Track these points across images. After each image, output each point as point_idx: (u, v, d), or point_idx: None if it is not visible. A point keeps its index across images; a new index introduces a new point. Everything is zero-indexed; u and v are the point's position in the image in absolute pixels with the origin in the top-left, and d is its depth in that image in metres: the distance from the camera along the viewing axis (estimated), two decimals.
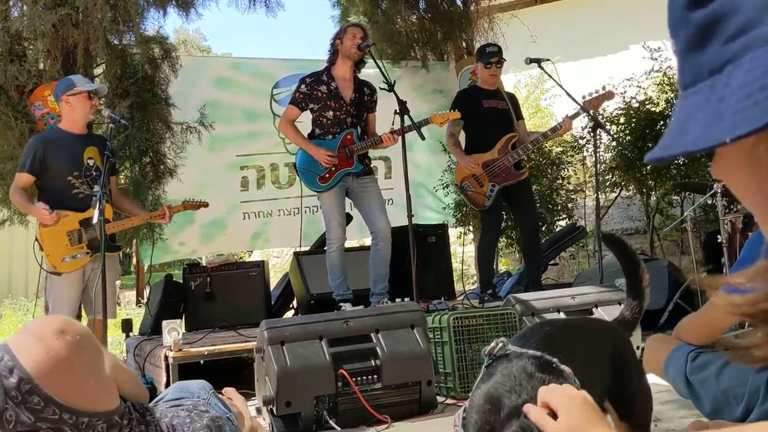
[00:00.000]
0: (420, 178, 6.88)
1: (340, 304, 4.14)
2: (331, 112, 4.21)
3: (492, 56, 4.64)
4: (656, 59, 6.59)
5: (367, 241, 7.59)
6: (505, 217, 6.04)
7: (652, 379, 2.87)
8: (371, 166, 4.45)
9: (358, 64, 4.29)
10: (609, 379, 1.43)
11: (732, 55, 0.46)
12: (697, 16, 0.49)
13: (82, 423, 1.09)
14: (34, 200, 3.92)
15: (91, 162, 3.91)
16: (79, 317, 4.03)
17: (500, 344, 1.29)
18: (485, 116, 4.59)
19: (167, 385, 3.41)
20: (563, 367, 1.23)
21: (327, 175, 4.19)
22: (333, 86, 4.20)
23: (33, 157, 3.85)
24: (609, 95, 4.61)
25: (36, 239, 3.91)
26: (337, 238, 4.20)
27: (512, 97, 4.86)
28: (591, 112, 4.42)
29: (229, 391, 1.87)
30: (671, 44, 0.54)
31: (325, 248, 4.35)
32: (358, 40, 4.17)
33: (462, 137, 4.76)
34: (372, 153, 4.59)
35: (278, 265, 10.60)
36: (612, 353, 1.48)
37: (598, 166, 4.86)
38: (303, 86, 4.23)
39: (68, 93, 3.86)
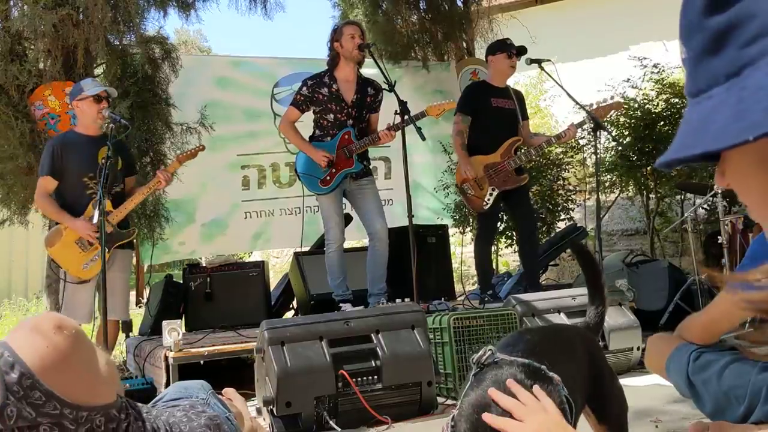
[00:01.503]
0: (420, 178, 6.87)
1: (340, 304, 4.13)
2: (331, 115, 4.19)
3: (513, 47, 4.59)
4: (645, 66, 6.59)
5: (367, 241, 7.60)
6: (505, 218, 6.06)
7: (654, 379, 2.86)
8: (370, 167, 4.42)
9: (359, 62, 4.26)
10: (587, 385, 1.44)
11: (749, 59, 0.47)
12: (713, 22, 0.49)
13: (81, 417, 1.09)
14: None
15: (107, 162, 3.91)
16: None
17: (489, 352, 1.28)
18: (492, 116, 4.55)
19: (167, 385, 3.41)
20: (552, 374, 1.24)
21: (328, 178, 4.18)
22: (335, 88, 4.18)
23: (52, 159, 3.93)
24: (617, 105, 4.60)
25: (51, 260, 3.99)
26: (335, 239, 4.20)
27: (519, 96, 4.80)
28: (592, 112, 4.41)
29: (229, 392, 1.87)
30: (681, 52, 0.54)
31: (324, 249, 4.35)
32: (357, 40, 4.14)
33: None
34: (372, 153, 4.59)
35: (278, 265, 10.60)
36: (589, 359, 1.49)
37: (599, 166, 4.86)
38: (304, 88, 4.21)
39: (77, 98, 3.97)
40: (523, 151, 4.55)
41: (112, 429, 1.14)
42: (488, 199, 4.49)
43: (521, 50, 4.61)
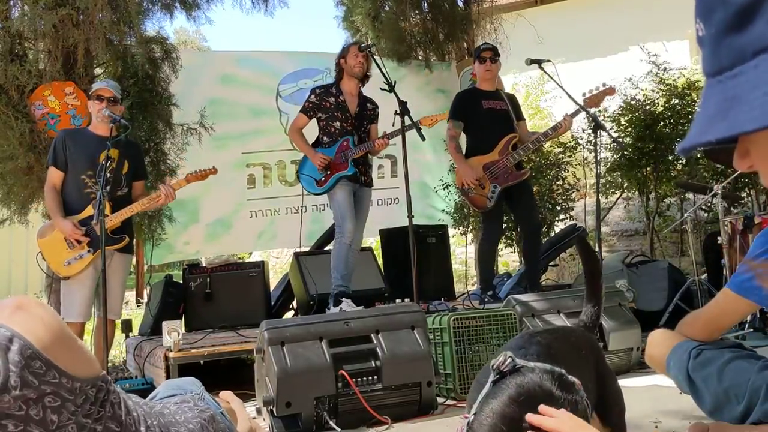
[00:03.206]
0: (427, 177, 6.87)
1: (340, 299, 4.15)
2: (338, 123, 4.42)
3: (484, 51, 4.67)
4: (653, 62, 6.60)
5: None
6: (505, 218, 6.05)
7: (654, 380, 2.86)
8: (371, 174, 4.59)
9: (363, 79, 4.51)
10: (595, 388, 1.42)
11: None
12: None
13: (76, 388, 1.12)
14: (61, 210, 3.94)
15: (107, 163, 3.89)
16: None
17: (509, 359, 1.23)
18: (485, 118, 4.59)
19: None
20: (572, 378, 1.22)
21: (323, 179, 4.38)
22: (341, 99, 4.45)
23: (54, 150, 3.97)
24: (610, 91, 4.60)
25: (38, 253, 4.00)
26: (349, 231, 4.27)
27: (512, 98, 4.85)
28: (592, 111, 4.42)
29: (226, 395, 1.87)
30: (698, 30, 0.52)
31: (333, 241, 4.41)
32: (360, 58, 4.38)
33: (462, 138, 4.75)
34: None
35: (278, 265, 10.60)
36: (594, 362, 1.49)
37: (599, 166, 4.86)
38: (313, 96, 4.48)
39: (90, 98, 4.08)
40: (521, 146, 4.57)
41: (103, 398, 1.17)
42: (491, 197, 4.49)
43: (490, 49, 4.67)
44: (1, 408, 1.05)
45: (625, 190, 7.01)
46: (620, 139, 6.33)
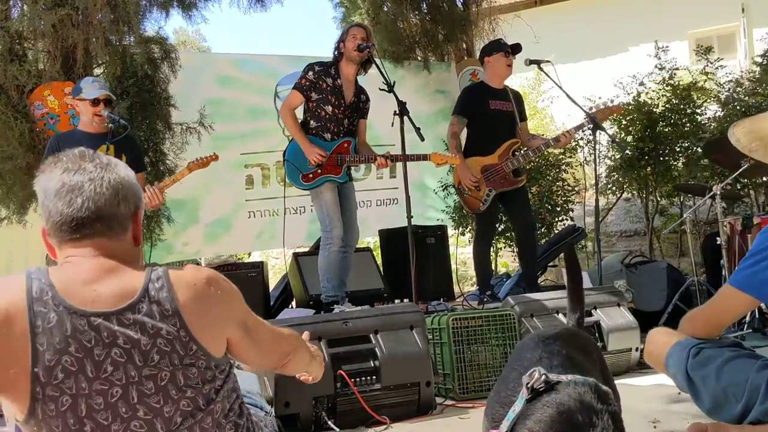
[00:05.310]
0: (426, 179, 6.86)
1: (332, 307, 4.03)
2: (329, 107, 4.13)
3: (509, 46, 4.55)
4: (660, 58, 6.57)
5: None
6: (504, 219, 6.05)
7: (653, 380, 2.87)
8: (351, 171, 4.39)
9: (365, 64, 4.23)
10: None
11: None
12: None
13: (191, 349, 1.28)
14: None
15: None
16: None
17: (543, 376, 1.18)
18: (490, 118, 4.51)
19: None
20: (605, 388, 1.20)
21: (311, 175, 4.10)
22: (338, 83, 4.16)
23: (51, 152, 3.88)
24: (617, 109, 4.57)
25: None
26: (337, 237, 4.04)
27: (518, 97, 4.75)
28: (591, 113, 4.40)
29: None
30: None
31: (320, 248, 4.16)
32: (358, 40, 4.12)
33: (463, 134, 4.70)
34: (377, 152, 4.60)
35: (277, 265, 10.58)
36: (599, 363, 1.49)
37: (599, 166, 4.86)
38: (311, 73, 4.15)
39: (76, 97, 3.94)
40: (521, 153, 4.54)
41: (208, 378, 1.31)
42: (485, 200, 4.47)
43: (516, 48, 4.57)
44: (126, 324, 1.23)
45: (627, 191, 7.00)
46: (618, 140, 6.32)
